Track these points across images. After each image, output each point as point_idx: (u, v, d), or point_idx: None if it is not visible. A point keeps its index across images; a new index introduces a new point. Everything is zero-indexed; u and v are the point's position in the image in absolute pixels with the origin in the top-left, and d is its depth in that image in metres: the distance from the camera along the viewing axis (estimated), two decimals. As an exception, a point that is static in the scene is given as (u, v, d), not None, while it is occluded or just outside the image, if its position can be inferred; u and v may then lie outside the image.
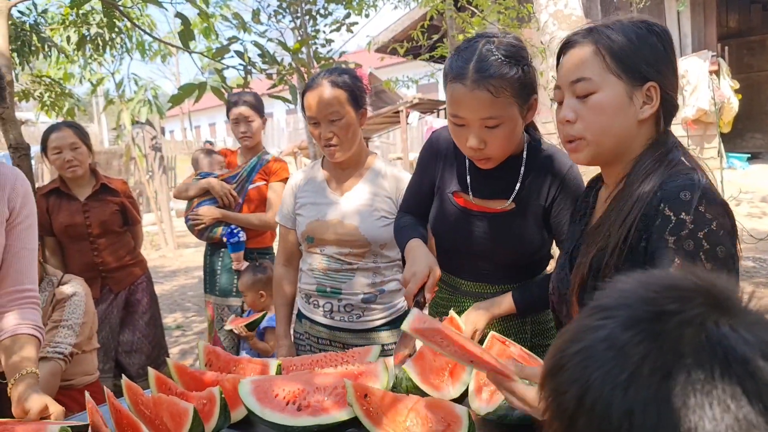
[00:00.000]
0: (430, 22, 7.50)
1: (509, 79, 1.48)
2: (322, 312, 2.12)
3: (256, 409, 1.37)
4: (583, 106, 1.22)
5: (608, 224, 1.20)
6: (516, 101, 1.51)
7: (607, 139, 1.22)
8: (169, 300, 6.95)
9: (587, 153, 1.24)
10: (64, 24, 5.63)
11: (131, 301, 3.28)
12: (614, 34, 1.20)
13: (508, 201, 1.67)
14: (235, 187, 3.31)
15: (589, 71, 1.20)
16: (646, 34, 1.20)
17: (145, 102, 9.47)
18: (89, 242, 3.12)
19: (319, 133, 2.03)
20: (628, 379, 0.50)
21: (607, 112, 1.20)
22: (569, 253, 1.34)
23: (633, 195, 1.17)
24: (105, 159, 14.74)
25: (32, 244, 1.68)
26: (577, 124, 1.23)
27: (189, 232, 3.42)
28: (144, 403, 1.44)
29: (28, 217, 1.68)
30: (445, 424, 1.26)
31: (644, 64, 1.19)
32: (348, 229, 2.05)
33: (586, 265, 1.20)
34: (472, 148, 1.55)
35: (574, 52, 1.24)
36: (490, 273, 1.74)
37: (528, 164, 1.66)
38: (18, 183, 1.65)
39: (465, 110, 1.51)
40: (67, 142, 3.05)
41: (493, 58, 1.48)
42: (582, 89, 1.21)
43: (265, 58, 4.37)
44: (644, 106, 1.20)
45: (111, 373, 3.20)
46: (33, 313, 1.65)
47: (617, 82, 1.19)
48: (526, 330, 1.77)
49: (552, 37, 3.22)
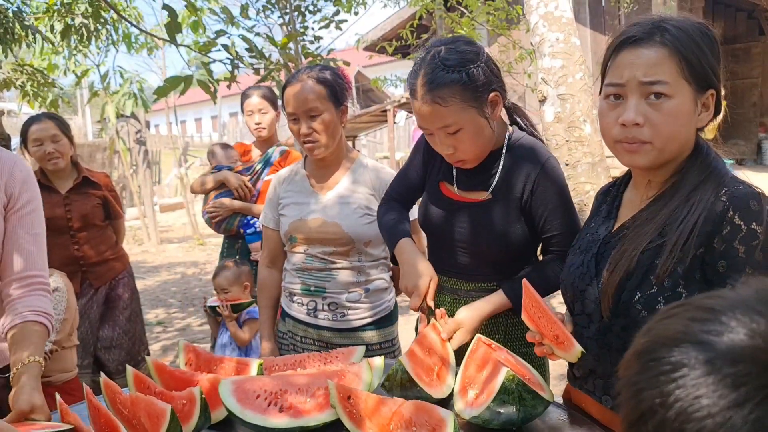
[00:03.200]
0: (420, 21, 7.48)
1: (454, 87, 1.51)
2: (306, 310, 2.10)
3: (236, 409, 1.34)
4: (654, 110, 1.16)
5: (653, 226, 1.18)
6: (470, 105, 1.53)
7: (673, 146, 1.18)
8: (151, 296, 6.88)
9: (650, 158, 1.19)
10: (48, 12, 5.54)
11: (112, 296, 3.24)
12: (683, 35, 1.15)
13: (487, 192, 1.69)
14: (250, 179, 3.34)
15: (667, 75, 1.15)
16: (708, 37, 1.17)
17: (131, 95, 9.36)
18: (70, 236, 3.07)
19: (298, 129, 2.01)
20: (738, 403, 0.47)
21: (679, 119, 1.16)
22: (595, 252, 1.31)
23: (689, 199, 1.15)
24: (89, 152, 14.56)
25: (36, 229, 1.64)
26: (645, 129, 1.17)
27: (172, 228, 3.43)
28: (122, 402, 1.40)
29: (30, 202, 1.63)
30: (430, 428, 1.24)
31: (709, 70, 1.16)
32: (331, 227, 2.02)
33: (630, 263, 1.18)
34: (444, 154, 1.63)
35: (646, 52, 1.17)
36: (471, 268, 1.73)
37: (507, 157, 1.68)
38: (16, 168, 1.61)
39: (424, 122, 1.58)
40: (48, 134, 2.99)
41: (437, 69, 1.52)
42: (659, 92, 1.15)
43: (253, 52, 4.33)
44: (702, 113, 1.18)
45: (90, 369, 3.15)
46: (41, 300, 1.59)
47: (688, 89, 1.15)
48: (499, 330, 1.75)
49: (542, 39, 3.22)
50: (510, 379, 1.26)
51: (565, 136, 3.14)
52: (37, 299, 1.58)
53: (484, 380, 1.35)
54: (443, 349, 1.57)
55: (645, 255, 1.18)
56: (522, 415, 1.27)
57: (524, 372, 1.38)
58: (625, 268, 1.18)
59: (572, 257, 1.39)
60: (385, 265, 2.15)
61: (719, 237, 1.10)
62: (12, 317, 1.54)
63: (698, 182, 1.17)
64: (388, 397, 1.35)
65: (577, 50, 3.23)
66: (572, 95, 3.14)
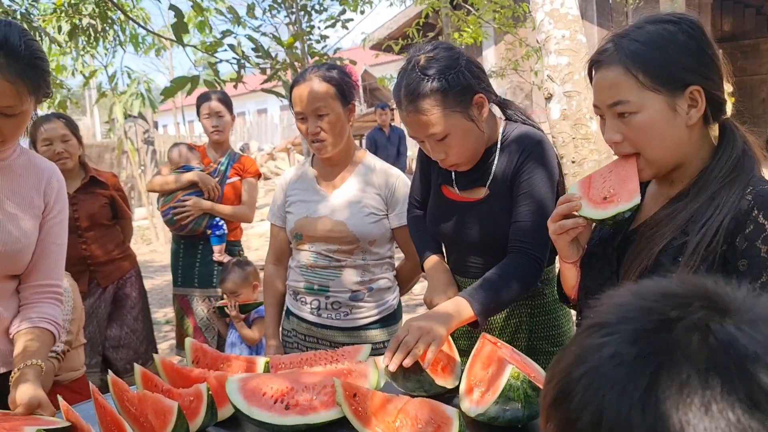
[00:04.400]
0: (426, 20, 7.48)
1: (434, 95, 1.53)
2: (310, 309, 2.10)
3: (243, 407, 1.35)
4: (626, 126, 1.18)
5: (672, 226, 1.17)
6: (453, 110, 1.55)
7: (662, 153, 1.19)
8: (159, 295, 6.90)
9: (647, 172, 1.22)
10: (56, 13, 5.57)
11: (119, 295, 3.25)
12: (640, 47, 1.16)
13: (484, 188, 1.70)
14: (217, 181, 3.41)
15: (625, 93, 1.16)
16: (674, 36, 1.16)
17: (138, 95, 9.41)
18: (77, 235, 3.09)
19: (306, 128, 2.01)
20: (644, 395, 0.47)
21: (652, 130, 1.17)
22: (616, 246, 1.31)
23: (714, 199, 1.14)
24: (97, 152, 14.61)
25: (61, 239, 1.68)
26: (626, 144, 1.20)
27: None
28: (129, 399, 1.41)
29: (61, 212, 1.67)
30: (435, 426, 1.24)
31: (680, 70, 1.15)
32: (336, 226, 2.03)
33: (647, 262, 1.17)
34: (437, 160, 1.65)
35: (604, 74, 1.19)
36: (482, 268, 1.72)
37: (501, 151, 1.69)
38: (54, 178, 1.66)
39: (412, 132, 1.61)
40: (58, 133, 3.01)
41: (417, 79, 1.54)
42: (622, 111, 1.17)
43: (259, 52, 4.35)
44: (690, 110, 1.17)
45: (98, 368, 3.16)
46: (53, 308, 1.64)
47: (656, 98, 1.15)
48: (523, 330, 1.75)
49: (548, 36, 3.21)
50: (515, 376, 1.26)
51: (572, 134, 3.13)
52: (49, 307, 1.62)
53: (490, 378, 1.35)
54: (449, 349, 1.57)
55: (668, 252, 1.17)
56: (527, 412, 1.27)
57: (529, 370, 1.38)
58: (641, 267, 1.18)
59: (590, 249, 1.37)
60: (389, 264, 2.15)
61: (742, 235, 1.10)
62: (22, 321, 1.57)
63: (724, 182, 1.16)
64: (394, 395, 1.36)
65: (583, 47, 3.22)
66: (578, 92, 3.13)
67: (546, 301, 1.76)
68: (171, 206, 3.36)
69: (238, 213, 3.43)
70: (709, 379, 0.46)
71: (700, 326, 0.50)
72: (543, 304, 1.76)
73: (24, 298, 1.61)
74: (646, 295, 0.55)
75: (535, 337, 1.76)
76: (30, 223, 1.58)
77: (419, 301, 5.55)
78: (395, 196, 2.06)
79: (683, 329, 0.50)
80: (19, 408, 1.38)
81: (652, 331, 0.50)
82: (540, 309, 1.76)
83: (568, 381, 0.52)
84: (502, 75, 8.43)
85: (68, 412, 1.34)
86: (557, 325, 1.77)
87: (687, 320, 0.50)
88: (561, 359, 0.56)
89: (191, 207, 3.30)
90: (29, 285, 1.62)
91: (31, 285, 1.62)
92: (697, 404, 0.46)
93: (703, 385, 0.46)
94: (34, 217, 1.60)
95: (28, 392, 1.40)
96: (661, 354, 0.49)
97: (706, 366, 0.47)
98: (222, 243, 3.40)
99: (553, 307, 1.77)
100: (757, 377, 0.46)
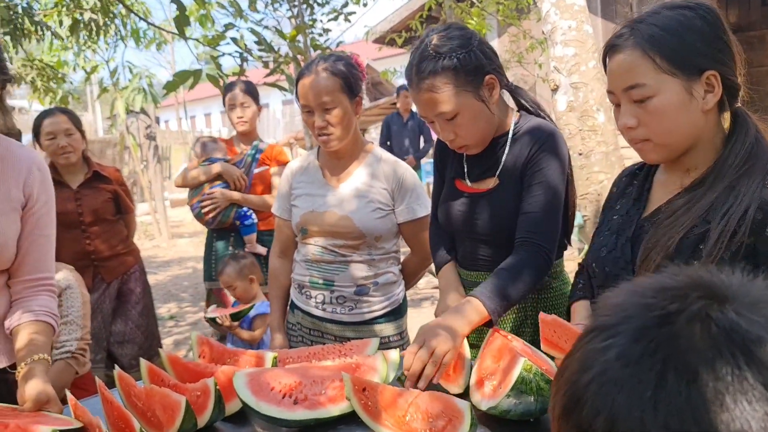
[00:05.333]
0: (429, 12, 7.44)
1: (445, 73, 1.53)
2: (315, 303, 2.09)
3: (251, 402, 1.33)
4: (642, 111, 1.18)
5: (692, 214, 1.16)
6: (464, 89, 1.55)
7: (675, 138, 1.19)
8: (162, 290, 6.91)
9: (657, 155, 1.22)
10: (57, 8, 5.55)
11: (124, 290, 3.24)
12: (658, 31, 1.16)
13: (494, 179, 1.69)
14: (243, 172, 3.36)
15: (642, 76, 1.16)
16: (690, 21, 1.16)
17: (140, 90, 9.38)
18: (81, 230, 3.08)
19: (312, 122, 1.98)
20: (655, 393, 0.46)
21: (669, 114, 1.16)
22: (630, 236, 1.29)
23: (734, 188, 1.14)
24: (99, 148, 14.61)
25: (49, 230, 1.64)
26: (640, 129, 1.20)
27: (183, 222, 3.43)
28: (136, 394, 1.39)
29: (46, 203, 1.62)
30: (446, 419, 1.22)
31: (696, 55, 1.15)
32: (342, 221, 2.01)
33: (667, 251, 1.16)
34: (447, 140, 1.64)
35: (621, 58, 1.19)
36: (491, 261, 1.71)
37: (513, 141, 1.68)
38: (35, 167, 1.60)
39: (422, 111, 1.61)
40: (62, 127, 3.00)
41: (429, 58, 1.54)
42: (638, 95, 1.17)
43: (262, 45, 4.32)
44: (707, 95, 1.17)
45: (103, 364, 3.16)
46: (48, 300, 1.60)
47: (673, 81, 1.15)
48: (528, 324, 1.74)
49: (554, 27, 3.18)
50: (528, 369, 1.24)
51: (578, 126, 3.10)
52: (45, 299, 1.60)
53: (501, 371, 1.33)
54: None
55: (689, 240, 1.16)
56: (540, 406, 1.26)
57: (541, 362, 1.37)
58: (661, 256, 1.17)
59: (601, 239, 1.36)
60: (395, 258, 2.13)
61: None
62: (20, 315, 1.55)
63: (741, 170, 1.15)
64: (404, 389, 1.34)
65: (589, 38, 3.19)
66: (585, 84, 3.10)
67: (553, 294, 1.75)
68: (199, 200, 3.35)
69: (266, 202, 3.36)
70: (718, 369, 0.46)
71: (701, 316, 0.49)
72: (549, 298, 1.74)
73: (17, 293, 1.58)
74: (643, 292, 0.54)
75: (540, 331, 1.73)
76: (8, 218, 1.53)
77: (424, 295, 5.53)
78: (403, 188, 2.04)
79: (684, 321, 0.49)
80: (27, 404, 1.36)
81: (654, 327, 0.50)
82: (546, 303, 1.74)
83: (576, 389, 0.51)
84: (506, 68, 8.39)
85: (76, 407, 1.32)
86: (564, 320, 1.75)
87: (687, 312, 0.49)
88: (565, 368, 0.55)
89: (218, 198, 3.27)
90: (20, 280, 1.59)
91: (23, 280, 1.58)
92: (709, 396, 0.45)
93: (714, 376, 0.45)
94: (12, 210, 1.55)
95: (36, 388, 1.38)
96: (666, 349, 0.48)
97: (712, 355, 0.46)
98: (253, 233, 3.37)
99: (560, 301, 1.75)
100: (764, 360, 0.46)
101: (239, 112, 3.35)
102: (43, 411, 1.36)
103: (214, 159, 3.38)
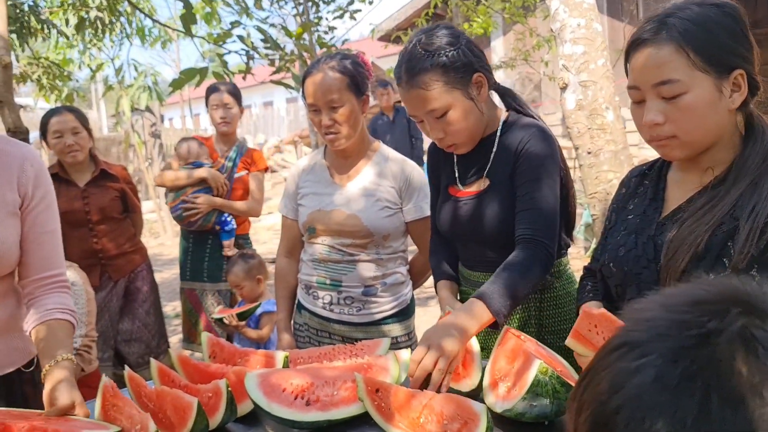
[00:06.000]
0: (435, 10, 7.40)
1: (435, 70, 1.54)
2: (322, 304, 2.08)
3: (263, 403, 1.32)
4: (672, 107, 1.16)
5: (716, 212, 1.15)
6: (453, 86, 1.56)
7: (702, 136, 1.17)
8: (168, 288, 6.89)
9: (682, 152, 1.20)
10: (63, 7, 5.55)
11: (131, 289, 3.24)
12: (690, 26, 1.14)
13: (484, 179, 1.69)
14: (225, 177, 3.42)
15: (675, 72, 1.14)
16: (720, 18, 1.15)
17: (145, 88, 9.38)
18: (88, 229, 3.07)
19: (319, 121, 1.97)
20: (697, 421, 0.43)
21: (699, 111, 1.15)
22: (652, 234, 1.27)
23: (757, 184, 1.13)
24: (104, 146, 14.62)
25: (52, 225, 1.58)
26: (667, 126, 1.17)
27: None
28: (147, 395, 1.39)
29: (44, 198, 1.57)
30: (462, 422, 1.21)
31: (728, 52, 1.14)
32: (350, 219, 1.99)
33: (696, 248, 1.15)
34: (436, 139, 1.65)
35: (651, 52, 1.16)
36: (497, 260, 1.67)
37: (500, 141, 1.68)
38: (27, 163, 1.54)
39: (412, 109, 1.62)
40: (69, 126, 3.00)
41: (417, 55, 1.56)
42: (669, 92, 1.15)
43: (268, 43, 4.31)
44: (733, 94, 1.16)
45: (110, 362, 3.16)
46: (63, 297, 1.56)
47: (705, 78, 1.14)
48: (531, 324, 1.73)
49: (563, 25, 3.15)
50: (543, 371, 1.23)
51: (587, 124, 3.07)
52: (59, 296, 1.56)
53: (516, 372, 1.31)
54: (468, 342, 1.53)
55: (717, 238, 1.15)
56: (555, 408, 1.24)
57: (556, 364, 1.35)
58: (690, 254, 1.15)
59: (618, 239, 1.34)
60: (403, 258, 2.12)
61: None
62: (38, 314, 1.51)
63: (761, 168, 1.14)
64: (418, 391, 1.33)
65: (599, 36, 3.16)
66: (594, 82, 3.07)
67: (556, 294, 1.73)
68: (180, 202, 3.35)
69: (249, 209, 3.45)
70: (765, 394, 0.43)
71: (744, 336, 0.46)
72: (552, 298, 1.73)
73: (29, 294, 1.55)
74: (676, 307, 0.50)
75: (545, 332, 1.72)
76: (4, 224, 1.48)
77: (430, 294, 5.52)
78: (411, 186, 2.03)
79: (726, 342, 0.46)
80: (54, 409, 1.32)
81: (692, 348, 0.46)
82: (549, 303, 1.73)
83: (604, 412, 0.48)
84: (512, 66, 8.36)
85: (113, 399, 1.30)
86: (567, 320, 1.71)
87: (728, 332, 0.46)
88: (589, 385, 0.51)
89: (202, 204, 3.30)
90: (30, 280, 1.54)
91: (33, 279, 1.54)
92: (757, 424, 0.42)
93: (759, 403, 0.42)
94: (9, 215, 1.50)
95: (65, 393, 1.35)
96: (707, 373, 0.45)
97: (758, 380, 0.43)
98: (231, 238, 3.44)
99: (564, 300, 1.74)
100: None
101: (222, 113, 3.39)
102: (68, 416, 1.33)
103: (199, 163, 3.39)
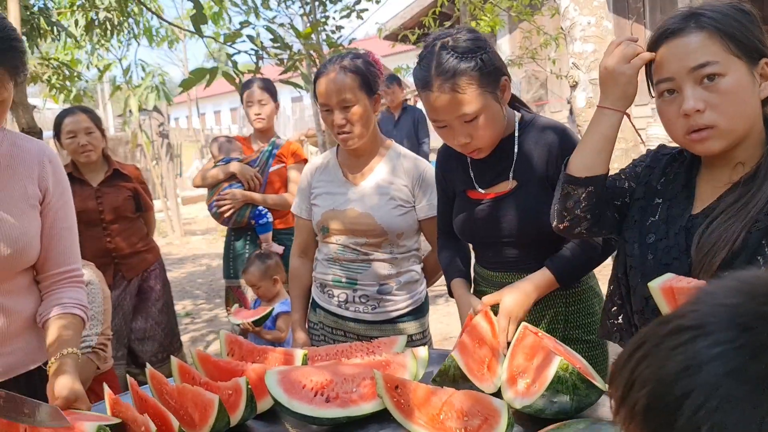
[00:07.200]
0: (442, 8, 7.39)
1: (470, 74, 1.53)
2: (337, 302, 2.08)
3: (283, 400, 1.33)
4: (711, 93, 1.16)
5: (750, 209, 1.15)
6: (485, 90, 1.56)
7: (740, 123, 1.17)
8: (177, 287, 6.93)
9: (720, 142, 1.18)
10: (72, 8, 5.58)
11: (144, 288, 3.26)
12: (719, 16, 1.16)
13: (509, 180, 1.69)
14: (257, 171, 3.35)
15: (712, 55, 1.15)
16: (742, 13, 1.17)
17: (153, 88, 9.39)
18: (102, 228, 3.09)
19: (331, 120, 1.98)
20: None
21: (739, 95, 1.15)
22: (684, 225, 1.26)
23: None
24: (111, 146, 14.65)
25: (70, 221, 1.61)
26: (708, 113, 1.16)
27: (195, 220, 3.45)
28: (168, 392, 1.40)
29: (63, 194, 1.60)
30: (482, 418, 1.22)
31: (755, 40, 1.16)
32: (363, 218, 2.00)
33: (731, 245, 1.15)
34: (460, 145, 1.63)
35: (686, 40, 1.17)
36: (519, 259, 1.72)
37: (521, 140, 1.69)
38: (46, 159, 1.57)
39: (441, 114, 1.58)
40: (82, 126, 3.02)
41: (450, 58, 1.54)
42: (709, 71, 1.15)
43: (277, 43, 4.32)
44: (763, 83, 1.17)
45: (124, 360, 3.18)
46: (77, 292, 1.59)
47: (740, 63, 1.15)
48: (559, 320, 1.73)
49: (573, 23, 3.16)
50: (564, 368, 1.23)
51: (598, 122, 3.08)
52: (74, 291, 1.59)
53: (536, 369, 1.32)
54: (494, 339, 1.55)
55: (753, 236, 1.15)
56: (575, 405, 1.25)
57: (575, 361, 1.36)
58: (727, 249, 1.15)
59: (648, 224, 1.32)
60: (416, 256, 2.13)
61: None
62: (50, 308, 1.54)
63: None
64: (438, 387, 1.34)
65: (609, 34, 3.16)
66: (605, 80, 3.08)
67: (581, 288, 1.75)
68: (214, 199, 3.36)
69: (279, 201, 3.35)
70: None
71: None
72: (577, 293, 1.75)
73: (46, 288, 1.58)
74: (759, 297, 0.49)
75: (570, 326, 1.74)
76: (27, 217, 1.51)
77: (438, 292, 5.53)
78: (424, 184, 2.03)
79: None
80: (57, 401, 1.35)
81: None
82: (575, 298, 1.75)
83: (669, 393, 0.48)
84: (519, 64, 8.34)
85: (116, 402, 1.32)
86: (592, 313, 1.75)
87: None
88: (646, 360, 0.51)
89: (232, 198, 3.28)
90: (48, 275, 1.58)
91: (50, 274, 1.57)
92: None
93: None
94: (31, 209, 1.53)
95: (66, 385, 1.37)
96: None
97: None
98: (267, 231, 3.36)
99: (588, 294, 1.76)
100: None
101: (257, 109, 3.34)
102: (71, 409, 1.35)
103: (229, 159, 3.38)
